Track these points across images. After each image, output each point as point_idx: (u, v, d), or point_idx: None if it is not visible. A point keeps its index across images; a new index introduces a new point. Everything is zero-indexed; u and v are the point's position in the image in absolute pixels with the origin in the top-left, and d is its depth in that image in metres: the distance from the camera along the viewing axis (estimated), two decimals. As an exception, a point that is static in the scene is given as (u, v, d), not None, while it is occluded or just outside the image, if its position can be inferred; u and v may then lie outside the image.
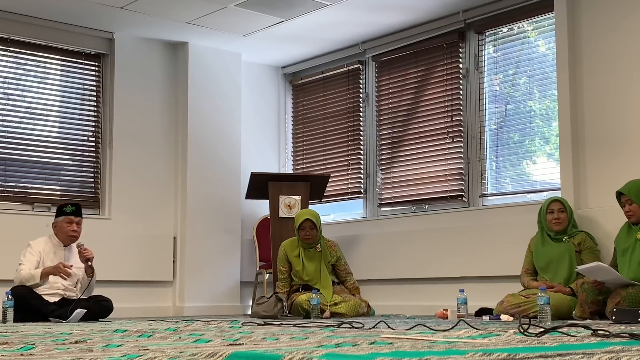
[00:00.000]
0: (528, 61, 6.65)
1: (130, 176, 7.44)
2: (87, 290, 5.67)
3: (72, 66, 7.38)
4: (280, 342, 2.72)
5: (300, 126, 8.49)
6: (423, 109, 7.33)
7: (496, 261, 6.33)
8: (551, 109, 6.41)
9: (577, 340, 2.61)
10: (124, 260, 7.24)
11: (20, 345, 2.62)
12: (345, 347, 2.32)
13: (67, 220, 5.71)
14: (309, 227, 6.14)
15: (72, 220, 5.71)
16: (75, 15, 7.00)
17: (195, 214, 7.60)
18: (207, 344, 2.62)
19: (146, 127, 7.60)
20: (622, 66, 5.66)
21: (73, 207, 5.75)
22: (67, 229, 5.70)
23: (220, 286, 7.69)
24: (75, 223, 5.72)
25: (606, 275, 4.76)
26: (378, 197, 7.62)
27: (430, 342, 2.56)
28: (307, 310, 5.80)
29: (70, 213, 5.72)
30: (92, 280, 5.70)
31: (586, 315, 4.90)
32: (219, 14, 6.95)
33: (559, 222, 5.52)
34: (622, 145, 5.62)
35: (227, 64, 7.98)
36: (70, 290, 5.66)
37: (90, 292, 5.73)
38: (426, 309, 6.43)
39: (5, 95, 7.01)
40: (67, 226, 5.70)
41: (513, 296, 5.38)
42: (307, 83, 8.48)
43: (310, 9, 6.84)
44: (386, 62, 7.67)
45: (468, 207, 6.84)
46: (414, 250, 6.97)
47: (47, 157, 7.18)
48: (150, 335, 3.27)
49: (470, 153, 6.89)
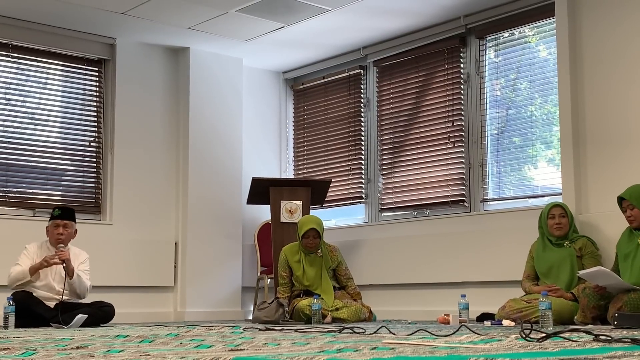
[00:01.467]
0: (529, 66, 6.66)
1: (131, 181, 7.44)
2: (75, 293, 5.67)
3: (73, 71, 7.39)
4: (281, 347, 2.71)
5: (302, 131, 8.49)
6: (424, 114, 7.33)
7: (498, 266, 6.33)
8: (552, 114, 6.41)
9: (579, 345, 2.60)
10: (125, 265, 7.24)
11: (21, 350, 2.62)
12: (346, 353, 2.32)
13: (54, 224, 5.73)
14: (313, 236, 6.14)
15: (59, 224, 5.72)
16: (76, 20, 7.01)
17: (196, 219, 7.60)
18: (209, 350, 2.62)
19: (147, 132, 7.61)
20: (623, 71, 5.66)
21: (59, 211, 5.76)
22: (54, 233, 5.71)
23: (221, 291, 7.69)
24: (61, 226, 5.71)
25: (608, 280, 4.75)
26: (379, 202, 7.62)
27: (432, 347, 2.56)
28: (308, 315, 5.80)
29: (57, 217, 5.72)
30: (75, 282, 5.66)
31: (588, 321, 4.90)
32: (221, 19, 6.96)
33: (560, 227, 5.51)
34: (623, 150, 5.62)
35: (228, 69, 7.99)
36: (67, 294, 5.64)
37: (80, 295, 5.72)
38: (428, 314, 6.42)
39: (6, 101, 7.01)
40: (54, 230, 5.72)
41: (515, 301, 5.37)
42: (308, 88, 8.49)
43: (312, 14, 6.85)
44: (387, 67, 7.67)
45: (469, 212, 6.84)
46: (416, 255, 6.96)
47: (48, 162, 7.18)
48: (151, 340, 3.27)
49: (471, 158, 6.88)
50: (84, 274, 5.76)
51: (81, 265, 5.79)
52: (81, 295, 5.75)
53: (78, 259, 5.79)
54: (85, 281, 5.74)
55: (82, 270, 5.76)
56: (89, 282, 5.80)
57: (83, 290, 5.74)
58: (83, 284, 5.73)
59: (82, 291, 5.75)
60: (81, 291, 5.73)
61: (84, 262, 5.83)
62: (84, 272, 5.77)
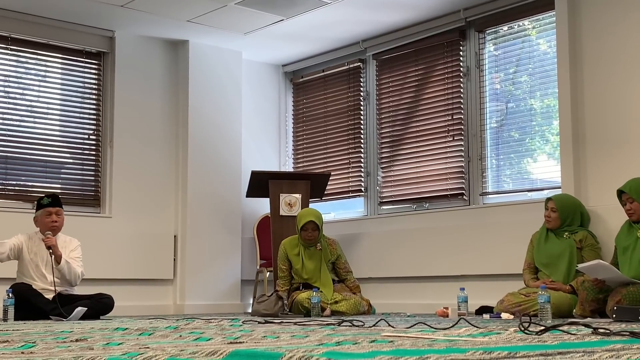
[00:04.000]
0: (529, 59, 6.65)
1: (130, 174, 7.44)
2: (65, 280, 5.60)
3: (72, 64, 7.38)
4: (280, 340, 2.72)
5: (301, 124, 8.49)
6: (424, 107, 7.32)
7: (497, 259, 6.33)
8: (552, 107, 6.41)
9: (577, 338, 2.61)
10: (124, 258, 7.25)
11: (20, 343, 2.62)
12: (345, 346, 2.32)
13: (45, 212, 5.64)
14: (311, 229, 6.14)
15: (51, 211, 5.64)
16: (75, 13, 7.00)
17: (195, 212, 7.60)
18: (208, 342, 2.62)
19: (146, 126, 7.60)
20: (623, 64, 5.66)
21: (50, 199, 5.69)
22: (47, 221, 5.62)
23: (220, 284, 7.69)
24: (54, 214, 5.66)
25: (607, 273, 4.76)
26: (379, 196, 7.62)
27: (431, 340, 2.56)
28: (307, 308, 5.81)
29: (48, 205, 5.67)
30: (63, 267, 5.58)
31: (587, 314, 4.90)
32: (220, 12, 6.95)
33: (549, 221, 5.55)
34: (623, 143, 5.62)
35: (227, 62, 7.98)
36: (61, 285, 5.59)
37: (71, 281, 5.64)
38: (427, 307, 6.43)
39: (5, 94, 7.01)
40: (47, 218, 5.63)
41: (513, 295, 5.38)
42: (307, 81, 8.48)
43: (311, 7, 6.84)
44: (387, 60, 7.66)
45: (468, 205, 6.84)
46: (415, 248, 6.97)
47: (48, 155, 7.18)
48: (151, 333, 3.27)
49: (470, 151, 6.88)
50: (75, 261, 5.68)
51: (72, 252, 5.70)
52: (72, 282, 5.64)
53: (69, 247, 5.72)
54: (75, 268, 5.64)
55: (72, 258, 5.68)
56: (81, 269, 5.70)
57: (74, 277, 5.64)
58: (73, 270, 5.62)
59: (73, 278, 5.64)
60: (72, 278, 5.63)
61: (75, 250, 5.75)
62: (74, 260, 5.69)
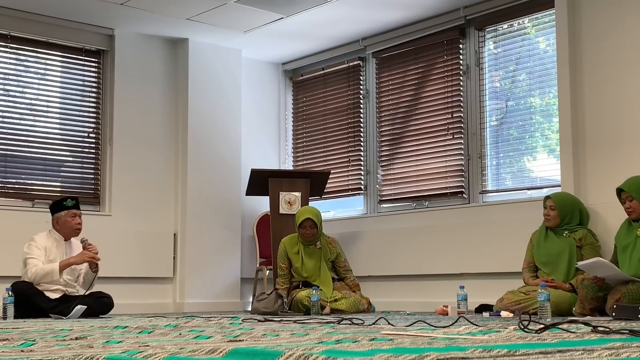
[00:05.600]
0: (528, 57, 6.65)
1: (130, 172, 7.44)
2: (88, 285, 5.66)
3: (72, 62, 7.38)
4: (280, 338, 2.72)
5: (301, 123, 8.49)
6: (423, 106, 7.32)
7: (496, 258, 6.33)
8: (551, 106, 6.41)
9: (577, 336, 2.61)
10: (124, 256, 7.24)
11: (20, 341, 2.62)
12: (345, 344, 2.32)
13: (70, 214, 5.68)
14: (309, 226, 6.14)
15: (76, 213, 5.70)
16: (75, 11, 7.00)
17: (195, 211, 7.60)
18: (208, 341, 2.63)
19: (146, 124, 7.60)
20: (623, 62, 5.65)
21: (73, 201, 5.74)
22: (72, 223, 5.66)
23: (220, 283, 7.69)
24: (78, 216, 5.71)
25: (606, 271, 4.76)
26: (378, 194, 7.62)
27: (431, 338, 2.56)
28: (307, 306, 5.81)
29: (72, 207, 5.70)
30: (95, 275, 5.68)
31: (586, 312, 4.90)
32: (219, 10, 6.94)
33: (548, 219, 5.54)
34: (622, 141, 5.61)
35: (227, 60, 7.97)
36: (71, 285, 5.65)
37: (92, 287, 5.72)
38: (426, 306, 6.43)
39: (5, 92, 7.00)
40: (72, 220, 5.67)
41: (512, 293, 5.37)
42: (307, 79, 8.48)
43: (311, 5, 6.83)
44: (386, 58, 7.66)
45: (468, 203, 6.84)
46: (414, 246, 6.97)
47: (48, 153, 7.18)
48: (150, 331, 3.28)
49: (470, 149, 6.88)
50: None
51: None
52: (92, 286, 5.73)
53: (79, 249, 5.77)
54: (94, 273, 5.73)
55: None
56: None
57: (94, 281, 5.73)
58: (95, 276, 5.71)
59: (94, 282, 5.73)
60: (94, 282, 5.72)
61: None
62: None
